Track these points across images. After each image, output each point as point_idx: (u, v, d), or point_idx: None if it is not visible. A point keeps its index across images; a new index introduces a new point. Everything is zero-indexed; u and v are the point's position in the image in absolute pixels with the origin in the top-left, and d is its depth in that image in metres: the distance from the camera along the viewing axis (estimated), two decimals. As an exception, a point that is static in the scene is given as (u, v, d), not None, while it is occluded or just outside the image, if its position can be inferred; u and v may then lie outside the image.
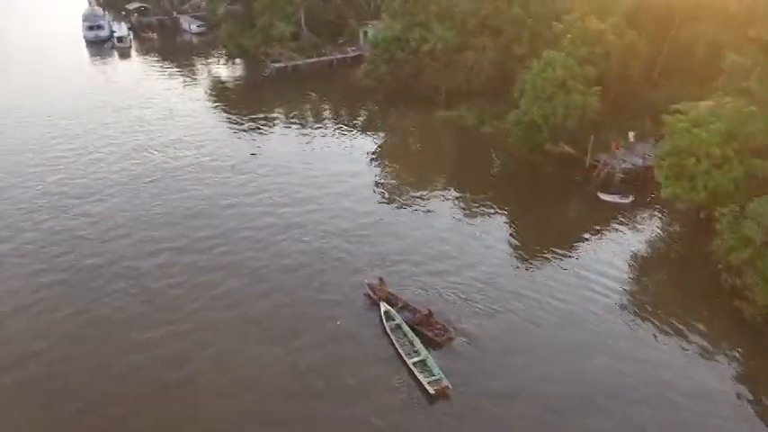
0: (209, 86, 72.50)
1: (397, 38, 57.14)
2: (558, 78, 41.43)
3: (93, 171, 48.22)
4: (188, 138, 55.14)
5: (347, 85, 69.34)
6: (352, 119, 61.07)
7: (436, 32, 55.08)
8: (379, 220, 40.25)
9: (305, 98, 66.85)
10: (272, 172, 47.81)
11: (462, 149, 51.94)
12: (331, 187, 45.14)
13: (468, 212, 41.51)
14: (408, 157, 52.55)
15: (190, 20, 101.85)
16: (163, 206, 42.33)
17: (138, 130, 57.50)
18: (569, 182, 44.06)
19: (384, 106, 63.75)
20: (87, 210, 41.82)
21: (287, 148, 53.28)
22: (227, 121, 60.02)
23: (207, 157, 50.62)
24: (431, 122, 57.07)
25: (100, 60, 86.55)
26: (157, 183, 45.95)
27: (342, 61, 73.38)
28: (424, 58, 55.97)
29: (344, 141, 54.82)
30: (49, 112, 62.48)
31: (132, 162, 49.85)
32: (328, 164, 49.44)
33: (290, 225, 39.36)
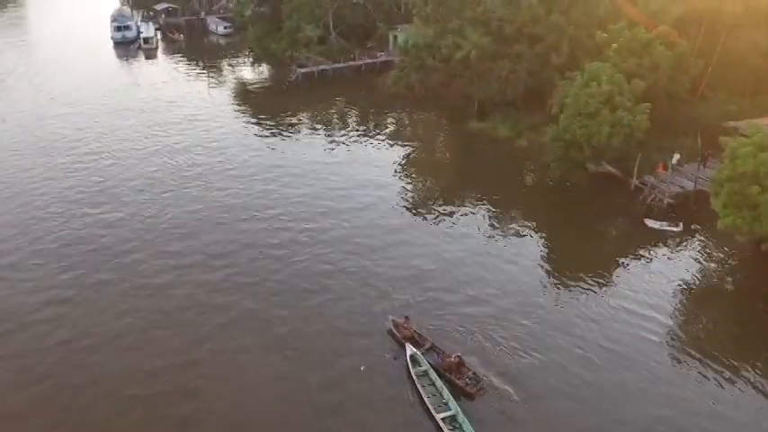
0: (234, 90, 70.52)
1: (429, 44, 54.36)
2: (603, 94, 38.20)
3: (109, 176, 46.39)
4: (209, 144, 53.06)
5: (375, 91, 66.75)
6: (379, 127, 58.43)
7: (470, 39, 52.12)
8: (406, 239, 37.50)
9: (331, 104, 64.53)
10: (294, 182, 45.36)
11: (496, 163, 48.85)
12: (356, 199, 42.60)
13: (502, 233, 38.50)
14: (438, 170, 49.70)
15: (217, 21, 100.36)
16: (177, 218, 40.07)
17: (157, 134, 55.63)
18: (613, 205, 40.78)
19: (413, 115, 61.12)
20: (100, 220, 39.77)
21: (311, 156, 50.80)
22: (250, 127, 57.82)
23: (227, 164, 48.39)
24: (462, 133, 54.15)
25: (126, 62, 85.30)
26: (175, 192, 43.76)
27: (370, 66, 70.88)
28: (456, 67, 53.07)
29: (371, 150, 52.25)
30: (70, 114, 61.04)
31: (150, 169, 47.81)
32: (354, 174, 46.88)
33: (313, 242, 36.76)
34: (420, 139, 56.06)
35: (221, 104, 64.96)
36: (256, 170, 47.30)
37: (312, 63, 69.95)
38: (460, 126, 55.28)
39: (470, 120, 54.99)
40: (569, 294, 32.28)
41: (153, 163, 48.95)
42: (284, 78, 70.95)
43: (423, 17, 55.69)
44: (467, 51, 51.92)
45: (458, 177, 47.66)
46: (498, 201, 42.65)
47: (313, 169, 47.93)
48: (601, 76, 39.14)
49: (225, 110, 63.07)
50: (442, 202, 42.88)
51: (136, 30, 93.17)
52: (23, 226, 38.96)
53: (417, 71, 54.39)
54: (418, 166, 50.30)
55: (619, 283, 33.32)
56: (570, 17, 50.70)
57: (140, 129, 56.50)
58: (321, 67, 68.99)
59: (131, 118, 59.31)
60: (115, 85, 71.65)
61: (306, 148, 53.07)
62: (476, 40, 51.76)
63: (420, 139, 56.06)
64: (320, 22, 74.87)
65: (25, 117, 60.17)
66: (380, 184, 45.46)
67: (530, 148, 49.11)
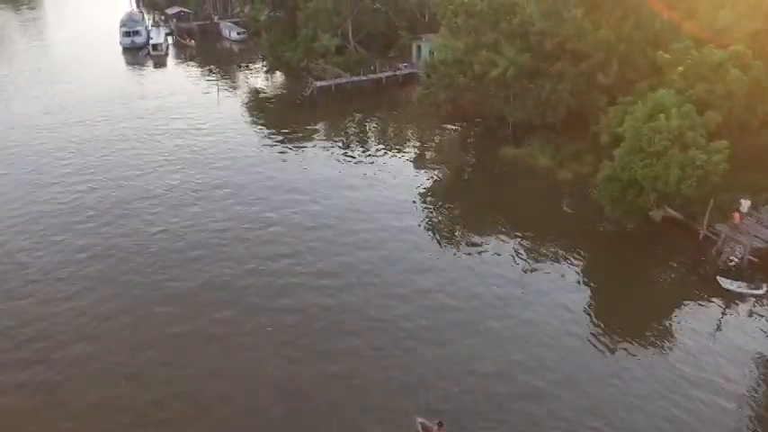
0: (245, 103, 64.91)
1: (459, 60, 48.24)
2: (672, 129, 31.95)
3: (100, 198, 41.83)
4: (215, 163, 48.05)
5: (398, 107, 60.96)
6: (402, 147, 52.64)
7: (507, 55, 45.99)
8: (437, 289, 32.12)
9: (349, 121, 58.71)
10: (307, 213, 40.12)
11: (534, 197, 42.69)
12: (378, 232, 38.16)
13: (552, 286, 32.84)
14: (467, 200, 43.88)
15: (230, 26, 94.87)
16: (173, 244, 36.34)
17: (159, 149, 50.93)
18: (677, 257, 34.65)
19: (440, 135, 55.11)
20: (90, 245, 35.17)
21: (326, 182, 45.34)
22: (259, 146, 52.32)
23: (229, 192, 43.05)
24: (495, 159, 48.05)
25: (133, 69, 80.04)
26: (174, 213, 40.12)
27: (392, 79, 64.84)
28: (490, 85, 46.93)
29: (393, 173, 46.91)
30: (59, 132, 55.94)
31: (147, 189, 43.64)
32: (374, 206, 41.56)
33: (331, 303, 31.13)
34: (447, 164, 50.09)
35: (230, 118, 59.49)
36: (264, 202, 41.83)
37: (329, 75, 64.11)
38: (493, 150, 49.22)
39: (504, 144, 48.95)
40: (633, 372, 26.57)
41: (151, 183, 44.33)
42: (299, 91, 64.86)
43: (452, 29, 49.51)
44: (503, 69, 45.78)
45: (491, 210, 41.68)
46: (540, 243, 37.01)
47: (327, 194, 42.98)
48: (668, 106, 32.87)
49: (234, 125, 57.56)
50: (473, 238, 38.20)
51: (146, 35, 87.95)
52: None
53: (446, 89, 48.31)
54: (445, 195, 45.04)
55: (684, 352, 27.65)
56: (621, 32, 44.37)
57: (139, 148, 51.46)
58: (339, 80, 63.04)
59: (129, 136, 54.17)
60: (119, 95, 66.17)
61: (321, 168, 47.89)
62: (513, 56, 45.60)
63: (447, 164, 50.09)
64: (338, 30, 68.97)
65: (10, 134, 55.19)
66: (403, 210, 41.20)
67: (574, 182, 43.02)
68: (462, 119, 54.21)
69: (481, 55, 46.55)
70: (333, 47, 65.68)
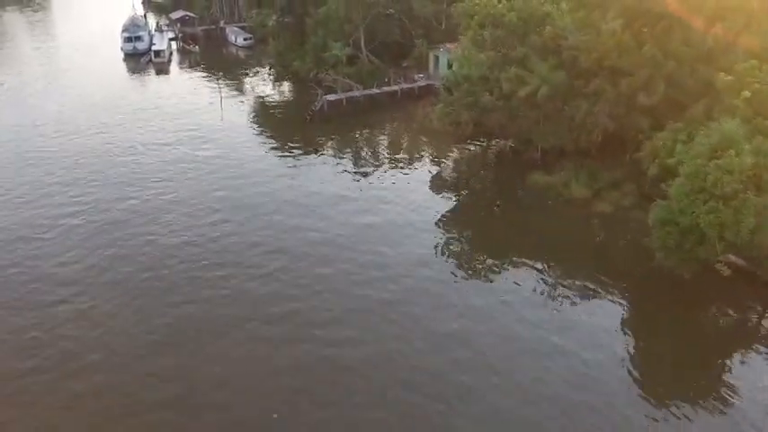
0: (250, 117, 60.29)
1: (485, 76, 43.33)
2: (745, 170, 26.97)
3: (84, 222, 37.01)
4: (215, 186, 43.32)
5: (414, 123, 56.08)
6: (418, 168, 47.91)
7: (538, 72, 41.09)
8: (464, 342, 27.55)
9: (361, 140, 53.93)
10: (317, 248, 35.44)
11: (569, 231, 37.74)
12: (394, 267, 33.56)
13: (589, 330, 28.11)
14: (492, 229, 39.37)
15: (237, 31, 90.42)
16: (162, 286, 31.82)
17: (154, 169, 46.68)
18: (743, 314, 29.70)
19: (460, 155, 50.25)
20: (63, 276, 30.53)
21: (337, 205, 40.83)
22: (265, 166, 47.65)
23: (228, 217, 38.42)
24: (523, 186, 43.19)
25: (134, 77, 75.68)
26: (166, 243, 34.80)
27: (407, 92, 59.96)
28: (519, 105, 41.99)
29: (410, 198, 42.45)
30: (56, 143, 51.86)
31: (138, 212, 39.45)
32: (392, 234, 37.28)
33: (345, 370, 26.39)
34: (469, 187, 45.43)
35: (234, 134, 54.98)
36: (269, 233, 37.17)
37: (340, 87, 59.32)
38: (520, 174, 44.33)
39: (532, 168, 44.04)
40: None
41: (138, 212, 39.71)
42: (307, 104, 59.89)
43: (477, 41, 44.55)
44: (533, 88, 40.88)
45: (519, 242, 36.91)
46: (574, 281, 32.49)
47: (339, 220, 38.40)
48: (738, 140, 27.87)
49: (238, 142, 53.02)
50: (499, 272, 34.13)
51: (148, 41, 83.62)
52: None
53: (470, 109, 43.39)
54: (467, 221, 40.54)
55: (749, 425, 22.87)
56: (668, 48, 39.34)
57: (131, 166, 46.99)
58: (350, 93, 58.19)
59: (122, 153, 49.68)
60: (116, 106, 61.78)
61: (332, 189, 43.44)
62: (545, 73, 40.70)
63: (469, 187, 45.43)
64: (350, 39, 64.23)
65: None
66: (422, 238, 37.00)
67: (614, 217, 38.07)
68: (485, 136, 49.44)
69: (509, 72, 41.60)
70: (344, 57, 60.93)
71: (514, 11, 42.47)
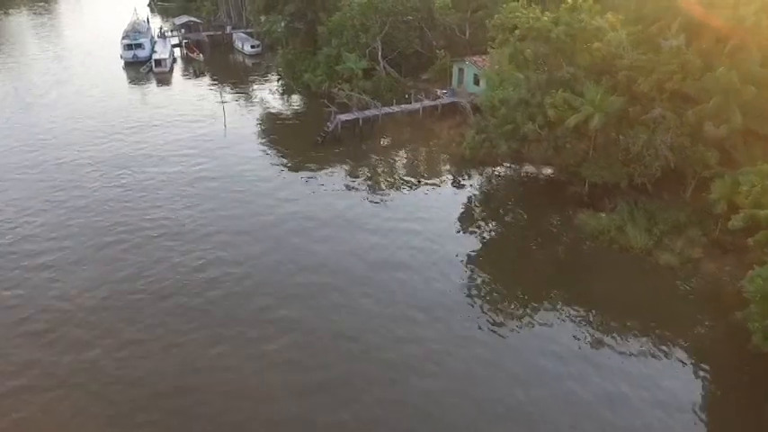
0: (257, 135, 54.53)
1: (525, 100, 37.36)
2: None
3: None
4: (213, 222, 37.61)
5: (438, 148, 50.02)
6: (442, 199, 42.12)
7: (590, 98, 35.10)
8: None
9: (380, 165, 47.93)
10: (332, 295, 29.97)
11: (624, 289, 31.79)
12: (434, 344, 27.51)
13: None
14: (528, 275, 33.34)
15: (244, 38, 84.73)
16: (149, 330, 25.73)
17: (147, 197, 41.07)
18: None
19: (490, 185, 44.34)
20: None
21: (352, 245, 35.15)
22: (271, 196, 41.91)
23: (223, 273, 32.64)
24: (566, 227, 37.30)
25: (133, 88, 69.98)
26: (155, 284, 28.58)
27: (429, 110, 53.98)
28: (567, 136, 36.01)
29: (434, 231, 37.10)
30: (38, 169, 46.33)
31: (124, 251, 32.86)
32: (419, 294, 31.10)
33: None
34: (501, 222, 39.65)
35: (238, 155, 49.46)
36: (273, 296, 31.38)
37: (355, 104, 53.31)
38: (561, 211, 38.52)
39: (577, 205, 38.17)
40: None
41: (127, 244, 33.79)
42: (319, 120, 54.00)
43: (516, 59, 38.52)
44: (584, 115, 34.88)
45: (562, 293, 31.12)
46: (638, 358, 26.47)
47: (359, 272, 32.74)
48: None
49: (242, 165, 47.34)
50: (538, 327, 29.03)
51: (150, 48, 78.04)
52: None
53: (508, 138, 37.43)
54: (499, 264, 35.19)
55: None
56: (745, 71, 33.27)
57: (120, 193, 41.33)
58: (367, 113, 52.16)
59: (108, 176, 44.06)
60: (109, 123, 56.24)
61: (345, 222, 37.66)
62: (599, 99, 34.70)
63: (501, 222, 39.65)
64: (366, 49, 58.35)
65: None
66: (448, 284, 32.15)
67: (682, 272, 32.05)
68: (517, 161, 43.53)
69: (556, 96, 35.57)
70: (360, 70, 55.07)
71: (562, 24, 36.45)
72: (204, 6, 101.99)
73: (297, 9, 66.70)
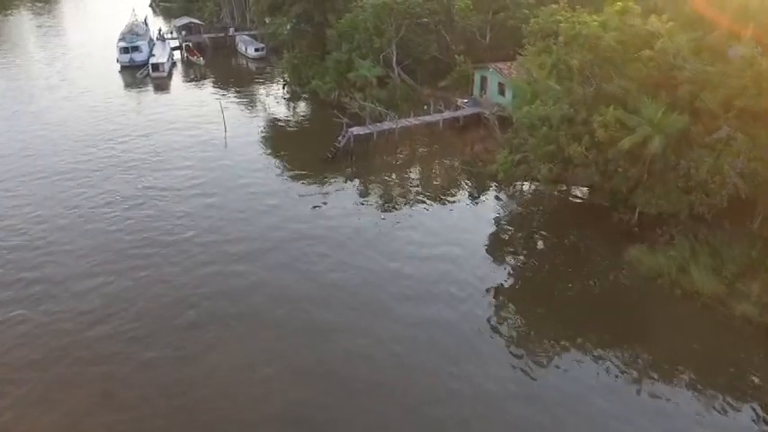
0: (258, 148, 49.45)
1: (569, 118, 32.22)
2: None
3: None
4: (200, 254, 32.49)
5: (460, 165, 44.81)
6: (468, 222, 37.08)
7: (648, 116, 29.97)
8: None
9: (395, 185, 42.82)
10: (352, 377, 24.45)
11: (692, 345, 26.69)
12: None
13: None
14: (575, 330, 27.97)
15: (247, 41, 79.82)
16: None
17: (136, 216, 35.89)
18: None
19: (520, 207, 39.28)
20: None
21: (363, 272, 29.96)
22: (278, 219, 36.84)
23: (207, 322, 27.58)
24: (611, 261, 32.21)
25: (128, 95, 64.92)
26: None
27: (450, 122, 48.84)
28: (619, 159, 30.84)
29: (459, 261, 31.85)
30: (17, 186, 41.31)
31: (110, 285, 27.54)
32: (452, 350, 25.75)
33: None
34: (534, 252, 34.64)
35: (239, 171, 44.39)
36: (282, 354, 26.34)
37: (368, 114, 48.14)
38: (609, 246, 33.39)
39: (626, 237, 33.02)
40: None
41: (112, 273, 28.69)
42: (328, 132, 48.72)
43: (558, 70, 33.32)
44: (641, 136, 29.75)
45: (629, 359, 25.92)
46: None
47: (387, 325, 27.25)
48: None
49: (243, 183, 42.34)
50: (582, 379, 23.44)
51: (147, 51, 73.10)
52: None
53: (549, 161, 32.29)
54: (531, 299, 29.70)
55: None
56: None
57: (105, 211, 36.25)
58: (382, 126, 46.95)
59: (90, 215, 39.04)
60: (99, 132, 51.40)
61: (361, 253, 32.44)
62: (659, 118, 29.56)
63: (534, 252, 34.64)
64: (380, 55, 53.30)
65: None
66: (477, 332, 26.35)
67: (761, 321, 26.91)
68: (554, 182, 38.39)
69: (606, 113, 30.40)
70: (374, 78, 49.99)
71: (611, 30, 31.30)
72: (206, 7, 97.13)
73: (304, 10, 61.90)
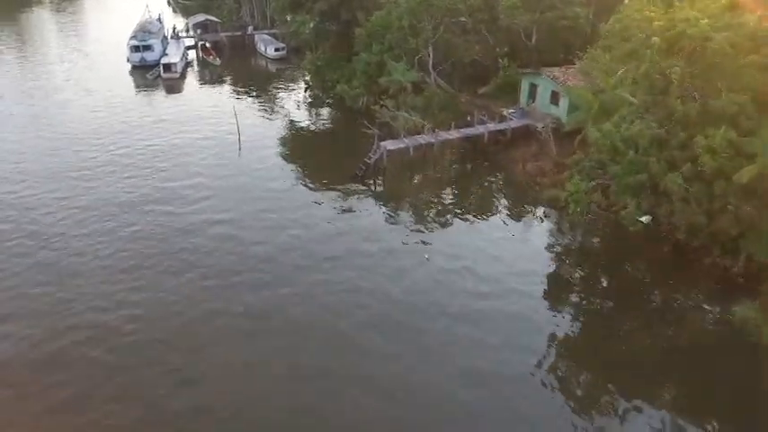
0: (278, 159, 43.48)
1: (661, 140, 25.60)
2: None
3: None
4: (209, 301, 26.46)
5: (513, 188, 38.26)
6: (524, 259, 30.55)
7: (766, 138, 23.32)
8: None
9: (437, 211, 36.30)
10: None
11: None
12: None
13: None
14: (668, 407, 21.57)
15: (267, 40, 73.91)
16: None
17: (138, 239, 29.50)
18: None
19: (586, 240, 32.73)
20: None
21: (405, 315, 23.56)
22: (297, 247, 30.68)
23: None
24: (710, 318, 25.61)
25: (136, 98, 59.21)
26: None
27: (495, 136, 42.31)
28: (731, 194, 24.19)
29: (510, 306, 25.07)
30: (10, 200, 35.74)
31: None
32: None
33: None
34: (602, 296, 28.10)
35: (251, 185, 38.61)
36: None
37: (402, 125, 41.62)
38: (703, 296, 26.80)
39: (725, 286, 26.43)
40: None
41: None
42: (355, 143, 42.78)
43: (655, 82, 26.60)
44: (764, 167, 23.10)
45: None
46: None
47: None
48: None
49: (258, 200, 36.39)
50: None
51: (160, 50, 67.47)
52: None
53: (636, 193, 25.68)
54: (610, 361, 22.81)
55: None
56: None
57: (107, 231, 30.39)
58: (419, 139, 40.40)
59: (91, 214, 33.23)
60: (99, 140, 45.83)
61: (403, 290, 25.83)
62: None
63: (602, 296, 28.10)
64: (415, 57, 46.94)
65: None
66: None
67: None
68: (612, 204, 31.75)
69: (716, 135, 23.78)
70: (409, 84, 43.68)
71: (721, 30, 24.63)
72: (225, 4, 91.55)
73: (329, 7, 55.79)
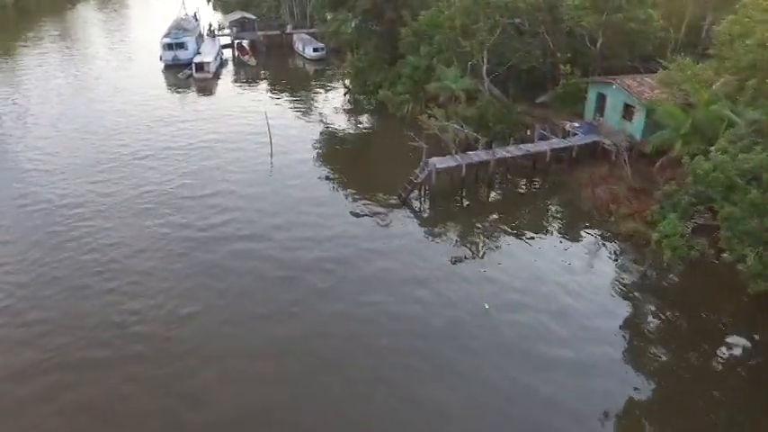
0: (312, 174, 38.93)
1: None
2: None
3: None
4: (227, 337, 21.97)
5: (580, 216, 32.66)
6: (597, 298, 25.35)
7: None
8: None
9: (495, 241, 31.01)
10: None
11: None
12: None
13: None
14: None
15: (306, 39, 69.79)
16: None
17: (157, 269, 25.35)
18: None
19: (672, 286, 27.18)
20: None
21: (465, 364, 18.76)
22: (333, 279, 26.03)
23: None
24: None
25: (167, 98, 55.69)
26: None
27: (558, 154, 36.82)
28: None
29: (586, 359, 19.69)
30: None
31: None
32: None
33: None
34: (686, 347, 22.65)
35: (284, 200, 34.10)
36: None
37: (454, 139, 36.47)
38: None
39: None
40: None
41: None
42: (398, 157, 38.05)
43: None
44: None
45: None
46: None
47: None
48: None
49: (291, 215, 31.93)
50: None
51: (194, 49, 64.02)
52: None
53: (758, 243, 20.13)
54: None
55: None
56: None
57: (122, 254, 26.31)
58: (472, 158, 34.81)
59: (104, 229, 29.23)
60: (120, 147, 42.18)
61: (452, 330, 20.89)
62: None
63: (686, 347, 22.65)
64: (468, 62, 41.82)
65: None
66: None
67: None
68: (711, 244, 26.01)
69: None
70: (463, 92, 38.57)
71: None
72: (265, 2, 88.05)
73: (372, 5, 51.22)
